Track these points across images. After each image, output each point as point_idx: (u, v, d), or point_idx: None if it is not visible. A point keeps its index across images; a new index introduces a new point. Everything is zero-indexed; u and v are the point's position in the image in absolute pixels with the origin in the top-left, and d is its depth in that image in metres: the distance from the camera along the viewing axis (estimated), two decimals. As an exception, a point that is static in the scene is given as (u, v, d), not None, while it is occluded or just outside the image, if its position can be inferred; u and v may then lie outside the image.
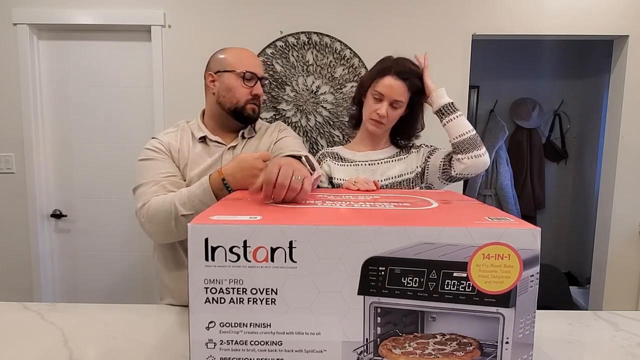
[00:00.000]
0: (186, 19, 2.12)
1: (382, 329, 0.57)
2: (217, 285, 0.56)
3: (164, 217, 1.04)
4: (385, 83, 1.24)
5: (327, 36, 2.12)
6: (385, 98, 1.24)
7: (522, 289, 0.56)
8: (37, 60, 2.18)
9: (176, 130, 1.25)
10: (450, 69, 2.15)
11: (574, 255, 3.40)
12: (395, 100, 1.24)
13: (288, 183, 0.72)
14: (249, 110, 1.21)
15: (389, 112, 1.25)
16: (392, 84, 1.23)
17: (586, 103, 3.29)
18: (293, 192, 0.73)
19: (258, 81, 1.22)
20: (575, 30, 2.13)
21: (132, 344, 0.86)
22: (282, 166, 0.74)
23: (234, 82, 1.20)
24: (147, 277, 2.29)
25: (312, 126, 2.19)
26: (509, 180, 3.16)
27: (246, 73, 1.19)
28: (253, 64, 1.22)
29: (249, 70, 1.20)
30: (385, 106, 1.24)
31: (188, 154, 1.20)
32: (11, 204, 2.22)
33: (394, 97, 1.24)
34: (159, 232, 1.07)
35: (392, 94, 1.24)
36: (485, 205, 0.75)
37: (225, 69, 1.21)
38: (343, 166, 1.33)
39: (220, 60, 1.22)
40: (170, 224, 1.04)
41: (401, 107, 1.27)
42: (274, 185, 0.73)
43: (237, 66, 1.20)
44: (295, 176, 0.73)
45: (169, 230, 1.06)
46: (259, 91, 1.22)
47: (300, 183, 0.73)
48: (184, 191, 1.06)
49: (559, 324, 0.97)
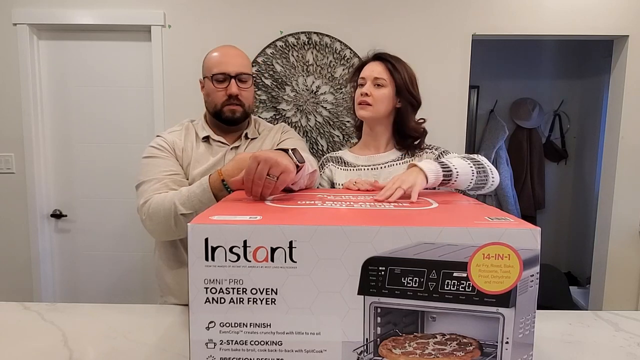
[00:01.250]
0: (186, 19, 2.12)
1: (382, 329, 0.57)
2: (217, 285, 0.56)
3: (164, 215, 1.05)
4: (365, 69, 1.28)
5: (327, 36, 2.12)
6: (367, 79, 1.26)
7: (522, 289, 0.56)
8: (37, 60, 2.18)
9: (181, 129, 1.26)
10: (450, 69, 2.15)
11: (574, 255, 3.40)
12: (377, 77, 1.25)
13: (262, 181, 0.75)
14: (226, 112, 1.19)
15: (373, 90, 1.25)
16: (371, 66, 1.27)
17: (586, 103, 3.29)
18: (267, 189, 0.76)
19: (232, 80, 1.18)
20: (575, 30, 2.13)
21: (132, 344, 0.86)
22: (259, 162, 0.75)
23: (210, 86, 1.20)
24: (147, 277, 2.29)
25: (312, 126, 2.18)
26: (509, 180, 3.16)
27: (215, 75, 1.17)
28: (224, 62, 1.18)
29: (218, 72, 1.17)
30: (368, 85, 1.25)
31: (191, 153, 1.21)
32: (11, 204, 2.22)
33: (374, 75, 1.25)
34: (159, 230, 1.08)
35: (372, 73, 1.25)
36: (485, 205, 0.75)
37: (205, 74, 1.22)
38: (345, 170, 1.32)
39: (203, 66, 1.24)
40: (170, 222, 1.05)
41: (385, 85, 1.25)
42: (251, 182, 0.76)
43: (210, 70, 1.20)
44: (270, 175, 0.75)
45: (168, 229, 1.06)
46: (233, 90, 1.18)
47: (273, 182, 0.76)
48: (184, 190, 1.06)
49: (559, 324, 0.97)
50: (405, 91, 1.27)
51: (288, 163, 0.78)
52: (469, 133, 3.17)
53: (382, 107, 1.27)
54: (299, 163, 0.83)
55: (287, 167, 0.77)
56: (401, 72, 1.27)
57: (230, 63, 1.18)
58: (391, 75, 1.26)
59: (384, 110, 1.27)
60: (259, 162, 0.75)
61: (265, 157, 0.76)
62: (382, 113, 1.28)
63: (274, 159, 0.76)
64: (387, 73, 1.26)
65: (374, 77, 1.25)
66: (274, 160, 0.76)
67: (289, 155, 0.81)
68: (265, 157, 0.76)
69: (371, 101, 1.25)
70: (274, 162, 0.76)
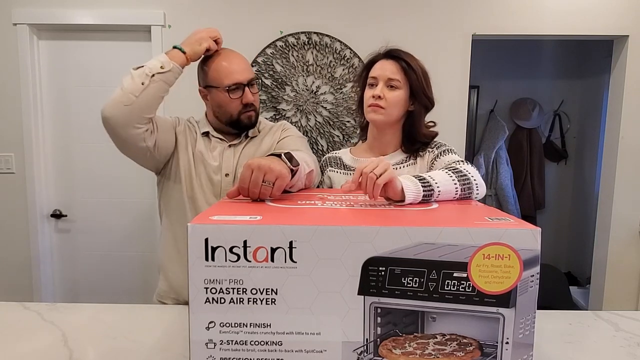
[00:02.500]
0: (186, 19, 2.12)
1: (382, 329, 0.57)
2: (217, 285, 0.56)
3: (117, 93, 1.09)
4: (376, 67, 1.17)
5: (327, 36, 2.12)
6: (379, 79, 1.14)
7: (522, 289, 0.56)
8: (37, 60, 2.18)
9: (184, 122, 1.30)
10: (450, 69, 2.15)
11: (574, 255, 3.40)
12: (390, 78, 1.14)
13: (258, 189, 0.74)
14: (244, 120, 1.21)
15: (386, 93, 1.14)
16: (383, 64, 1.15)
17: (586, 103, 3.29)
18: (264, 196, 0.75)
19: (245, 88, 1.19)
20: (575, 30, 2.13)
21: (132, 344, 0.86)
22: (253, 171, 0.73)
23: (222, 98, 1.19)
24: (147, 277, 2.29)
25: (312, 126, 2.18)
26: (509, 180, 3.16)
27: (229, 87, 1.17)
28: (234, 71, 1.18)
29: (232, 83, 1.17)
30: (381, 86, 1.14)
31: (192, 148, 1.23)
32: (11, 204, 2.22)
33: (387, 75, 1.14)
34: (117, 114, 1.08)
35: (386, 73, 1.14)
36: (485, 206, 0.75)
37: (211, 84, 1.20)
38: (345, 174, 1.25)
39: (204, 74, 1.23)
40: (124, 96, 1.07)
41: (399, 87, 1.14)
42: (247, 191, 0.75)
43: (219, 81, 1.18)
44: (266, 181, 0.74)
45: (125, 103, 1.07)
46: (249, 99, 1.19)
47: (270, 188, 0.74)
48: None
49: (559, 324, 0.97)
50: (421, 93, 1.17)
51: (282, 168, 0.76)
52: (469, 133, 3.17)
53: (396, 111, 1.16)
54: (293, 167, 0.81)
55: (282, 172, 0.76)
56: (417, 72, 1.15)
57: (239, 71, 1.19)
58: (406, 75, 1.15)
59: (397, 114, 1.17)
60: (252, 170, 0.74)
61: (258, 164, 0.74)
62: (394, 117, 1.18)
63: (267, 166, 0.74)
64: (402, 73, 1.14)
65: (387, 78, 1.14)
66: (268, 167, 0.74)
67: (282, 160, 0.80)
68: (258, 164, 0.74)
69: (384, 104, 1.14)
70: (268, 169, 0.74)
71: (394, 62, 1.15)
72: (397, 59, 1.15)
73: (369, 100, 1.16)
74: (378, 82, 1.15)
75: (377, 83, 1.15)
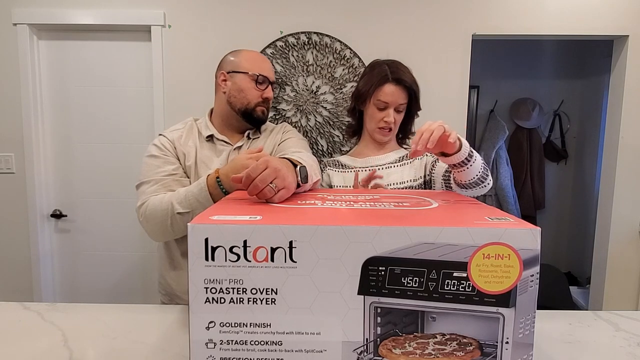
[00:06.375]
0: (186, 19, 2.12)
1: (382, 329, 0.57)
2: (217, 285, 0.56)
3: (161, 216, 1.06)
4: (387, 91, 1.27)
5: (327, 36, 2.12)
6: (390, 105, 1.28)
7: (522, 289, 0.56)
8: (37, 60, 2.18)
9: (183, 127, 1.27)
10: (450, 69, 2.15)
11: (574, 255, 3.40)
12: (400, 104, 1.29)
13: (263, 187, 0.72)
14: (258, 112, 1.25)
15: (396, 117, 1.30)
16: (394, 91, 1.27)
17: (586, 103, 3.29)
18: (264, 196, 0.73)
19: (269, 85, 1.25)
20: (575, 30, 2.13)
21: (132, 344, 0.86)
22: (267, 168, 0.73)
23: (246, 83, 1.22)
24: (147, 277, 2.29)
25: (312, 126, 2.18)
26: (509, 180, 3.16)
27: (259, 76, 1.23)
28: (266, 67, 1.25)
29: (262, 74, 1.23)
30: (392, 113, 1.28)
31: (195, 152, 1.21)
32: (11, 204, 2.22)
33: (398, 102, 1.28)
34: (156, 231, 1.09)
35: (396, 99, 1.27)
36: (485, 205, 0.75)
37: (238, 70, 1.23)
38: (343, 172, 1.34)
39: (234, 61, 1.24)
40: (167, 222, 1.06)
41: (404, 109, 1.32)
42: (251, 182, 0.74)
43: (251, 69, 1.23)
44: (273, 183, 0.73)
45: (165, 229, 1.07)
46: (269, 95, 1.25)
47: (272, 192, 0.73)
48: (181, 190, 1.07)
49: (559, 324, 0.97)
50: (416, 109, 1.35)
51: (292, 181, 0.77)
52: (469, 133, 3.18)
53: (397, 129, 1.36)
54: (301, 182, 0.82)
55: (290, 185, 0.76)
56: (416, 92, 1.31)
57: (269, 69, 1.27)
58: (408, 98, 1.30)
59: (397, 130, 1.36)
60: (267, 167, 0.73)
61: (275, 166, 0.73)
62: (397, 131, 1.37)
63: (282, 172, 0.74)
64: (407, 98, 1.30)
65: (397, 104, 1.29)
66: (282, 173, 0.74)
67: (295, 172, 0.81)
68: (275, 165, 0.73)
69: (394, 127, 1.32)
70: (281, 175, 0.74)
71: (402, 89, 1.28)
72: (403, 84, 1.27)
73: (380, 123, 1.30)
74: (389, 107, 1.28)
75: (388, 107, 1.28)
